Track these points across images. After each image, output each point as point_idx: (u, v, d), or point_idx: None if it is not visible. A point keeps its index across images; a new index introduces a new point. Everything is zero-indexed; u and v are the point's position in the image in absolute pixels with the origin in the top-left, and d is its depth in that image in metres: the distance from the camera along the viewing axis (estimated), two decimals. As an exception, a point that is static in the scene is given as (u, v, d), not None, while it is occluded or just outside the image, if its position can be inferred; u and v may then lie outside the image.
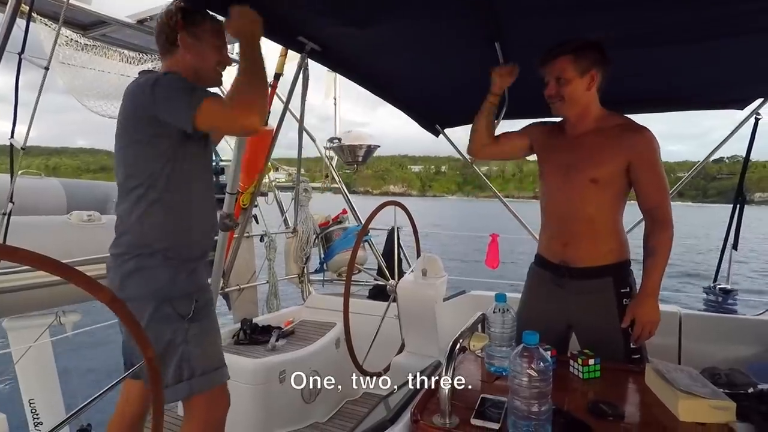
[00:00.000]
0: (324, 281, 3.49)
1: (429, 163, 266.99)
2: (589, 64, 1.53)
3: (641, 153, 1.53)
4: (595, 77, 1.55)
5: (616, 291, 1.57)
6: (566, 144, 1.66)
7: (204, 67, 1.46)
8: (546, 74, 1.62)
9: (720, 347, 2.11)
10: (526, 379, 0.96)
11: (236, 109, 1.29)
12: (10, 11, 1.49)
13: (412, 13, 1.71)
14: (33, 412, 2.48)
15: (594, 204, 1.58)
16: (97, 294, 0.98)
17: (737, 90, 2.32)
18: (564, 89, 1.56)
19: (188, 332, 1.37)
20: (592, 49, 1.54)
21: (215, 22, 1.49)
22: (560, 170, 1.65)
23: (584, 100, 1.58)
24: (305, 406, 2.52)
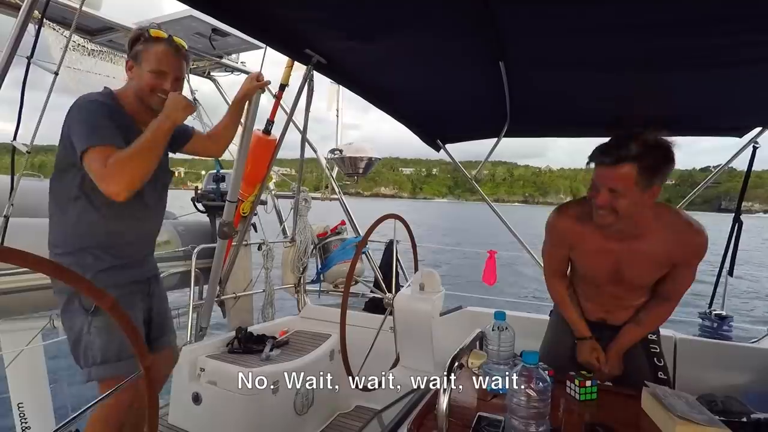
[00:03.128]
0: (320, 292, 3.48)
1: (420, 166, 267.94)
2: (654, 177, 1.30)
3: (691, 255, 1.46)
4: (657, 192, 1.34)
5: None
6: (617, 242, 1.49)
7: (141, 89, 1.57)
8: (598, 177, 1.37)
9: (715, 373, 2.11)
10: (525, 399, 0.96)
11: (107, 172, 1.37)
12: (22, 17, 1.50)
13: (418, 31, 1.74)
14: (21, 416, 2.44)
15: (640, 296, 1.62)
16: (98, 300, 0.98)
17: (736, 118, 2.36)
18: (618, 203, 1.33)
19: (91, 324, 1.51)
20: (661, 156, 1.31)
21: (161, 48, 1.57)
22: (609, 269, 1.55)
23: (639, 213, 1.38)
24: (297, 417, 2.50)
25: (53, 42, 2.50)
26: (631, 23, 1.51)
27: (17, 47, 1.52)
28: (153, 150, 1.44)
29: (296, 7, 1.69)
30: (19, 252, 0.83)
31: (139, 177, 1.41)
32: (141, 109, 1.60)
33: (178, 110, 1.50)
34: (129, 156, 1.38)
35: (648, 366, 1.63)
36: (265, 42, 2.02)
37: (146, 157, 1.42)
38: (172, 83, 1.60)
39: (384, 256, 3.36)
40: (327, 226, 3.54)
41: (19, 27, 1.51)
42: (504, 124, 2.77)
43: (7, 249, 0.83)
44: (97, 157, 1.37)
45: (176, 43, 1.61)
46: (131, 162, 1.38)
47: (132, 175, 1.39)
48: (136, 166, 1.40)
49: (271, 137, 2.44)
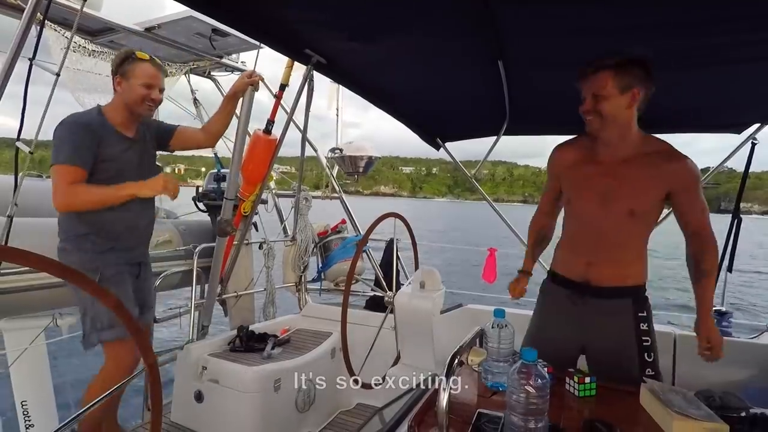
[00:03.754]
0: (321, 290, 3.49)
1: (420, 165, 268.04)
2: (631, 81, 1.45)
3: (684, 182, 1.50)
4: (636, 95, 1.46)
5: (634, 314, 1.56)
6: (602, 171, 1.58)
7: (133, 100, 1.89)
8: (583, 89, 1.54)
9: (714, 369, 2.10)
10: (524, 396, 0.97)
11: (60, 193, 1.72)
12: (26, 19, 1.51)
13: (417, 31, 1.75)
14: (25, 414, 2.45)
15: (628, 232, 1.56)
16: (102, 298, 1.00)
17: (735, 114, 2.36)
18: (601, 105, 1.48)
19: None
20: (636, 65, 1.46)
21: (147, 66, 1.89)
22: (596, 198, 1.59)
23: (622, 119, 1.50)
24: (299, 415, 2.51)
25: (54, 43, 2.51)
26: (628, 23, 1.52)
27: (21, 49, 1.54)
28: (106, 204, 1.80)
29: (296, 8, 1.70)
30: (23, 252, 0.84)
31: (81, 210, 1.79)
32: (125, 118, 1.93)
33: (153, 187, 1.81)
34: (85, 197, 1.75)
35: (638, 360, 1.55)
36: (264, 42, 2.03)
37: (97, 205, 1.79)
38: (159, 92, 1.95)
39: (384, 255, 3.37)
40: (327, 225, 3.56)
41: (22, 29, 1.53)
42: (503, 122, 2.78)
43: (11, 249, 0.84)
44: (57, 174, 1.70)
45: (157, 61, 1.96)
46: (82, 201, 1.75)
47: (77, 207, 1.78)
48: (83, 205, 1.77)
49: (272, 137, 2.45)
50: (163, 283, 2.85)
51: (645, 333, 1.56)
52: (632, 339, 1.55)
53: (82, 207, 1.78)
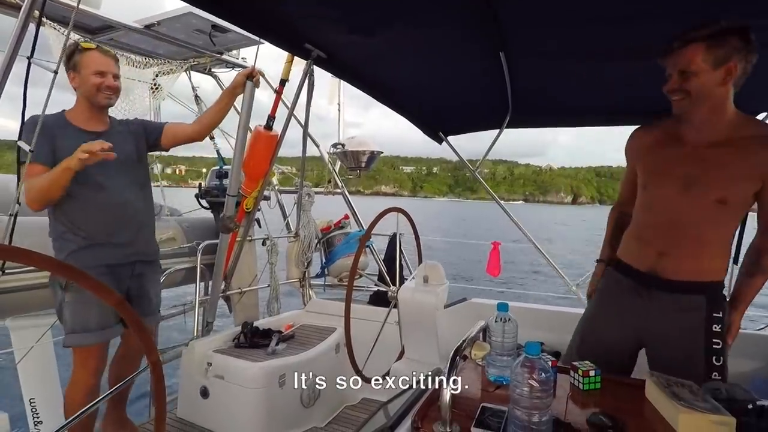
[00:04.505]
0: (325, 286, 3.50)
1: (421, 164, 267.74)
2: (727, 54, 1.24)
3: None
4: (732, 71, 1.26)
5: (707, 313, 1.42)
6: (687, 153, 1.41)
7: (88, 91, 1.86)
8: (668, 66, 1.34)
9: None
10: (528, 390, 0.97)
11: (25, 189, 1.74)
12: (23, 17, 1.51)
13: (418, 23, 1.73)
14: (33, 411, 2.48)
15: (716, 223, 1.40)
16: (105, 297, 1.00)
17: (742, 102, 2.33)
18: (689, 83, 1.29)
19: (64, 299, 1.83)
20: (734, 34, 1.24)
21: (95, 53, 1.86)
22: (679, 182, 1.42)
23: (715, 98, 1.31)
24: (304, 410, 2.53)
25: (55, 42, 2.51)
26: (631, 13, 1.50)
27: (19, 47, 1.53)
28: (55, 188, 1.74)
29: (294, 2, 1.69)
30: (25, 251, 0.84)
31: (40, 202, 1.76)
32: (86, 113, 1.91)
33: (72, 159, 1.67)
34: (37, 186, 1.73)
35: (704, 362, 1.41)
36: (264, 38, 2.02)
37: (50, 192, 1.74)
38: (113, 79, 1.90)
39: (388, 250, 3.37)
40: (330, 221, 3.56)
41: (20, 27, 1.52)
42: (506, 115, 2.76)
43: (15, 248, 0.84)
44: (26, 172, 1.73)
45: (104, 48, 1.93)
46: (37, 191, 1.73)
47: (37, 199, 1.75)
48: (39, 194, 1.74)
49: (273, 133, 2.45)
50: (167, 280, 2.86)
51: (717, 335, 1.42)
52: (701, 339, 1.42)
53: (42, 196, 1.75)
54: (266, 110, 2.52)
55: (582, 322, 1.71)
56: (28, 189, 1.72)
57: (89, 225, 1.87)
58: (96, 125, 1.94)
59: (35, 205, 1.76)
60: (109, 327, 1.89)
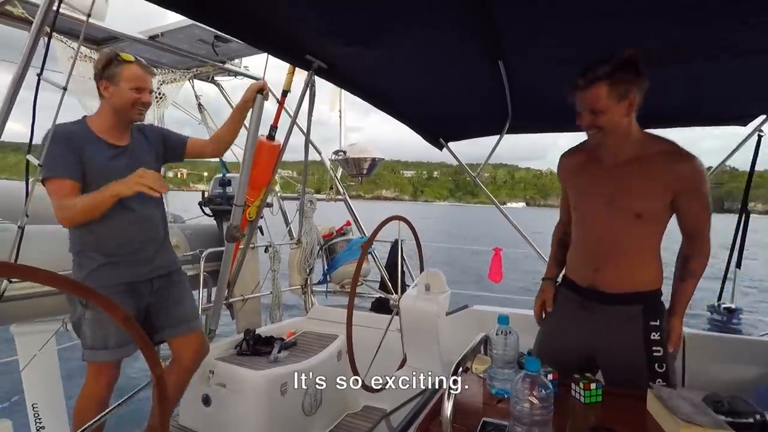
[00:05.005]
0: (327, 293, 3.50)
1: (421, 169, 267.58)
2: (627, 89, 1.39)
3: (690, 183, 1.43)
4: (633, 102, 1.41)
5: (644, 323, 1.50)
6: (607, 172, 1.54)
7: (122, 105, 1.81)
8: (578, 103, 1.48)
9: (725, 368, 2.09)
10: (528, 406, 0.98)
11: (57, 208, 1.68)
12: (34, 33, 1.53)
13: (417, 33, 1.75)
14: (36, 416, 2.49)
15: (635, 236, 1.51)
16: (111, 312, 1.01)
17: (740, 106, 2.33)
18: (600, 120, 1.43)
19: (84, 315, 1.81)
20: (628, 69, 1.38)
21: (134, 68, 1.81)
22: (601, 200, 1.55)
23: (623, 127, 1.45)
24: (306, 418, 2.53)
25: (61, 53, 2.54)
26: (629, 18, 1.51)
27: (29, 63, 1.55)
28: (95, 210, 1.70)
29: (295, 15, 1.71)
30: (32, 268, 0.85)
31: (77, 222, 1.74)
32: (112, 125, 1.85)
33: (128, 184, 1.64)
34: (75, 208, 1.68)
35: (646, 369, 1.49)
36: (265, 50, 2.05)
37: (88, 214, 1.70)
38: (149, 95, 1.86)
39: (389, 257, 3.38)
40: (332, 227, 3.57)
41: (30, 42, 1.54)
42: (506, 121, 2.77)
43: (21, 266, 0.85)
44: (50, 189, 1.69)
45: (143, 62, 1.87)
46: (75, 213, 1.69)
47: (73, 219, 1.72)
48: (77, 216, 1.71)
49: (275, 143, 2.46)
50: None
51: (656, 342, 1.49)
52: (640, 348, 1.49)
53: (77, 218, 1.72)
54: (268, 119, 2.54)
55: (538, 336, 1.79)
56: (63, 207, 1.67)
57: (113, 243, 1.83)
58: (121, 138, 1.89)
59: (70, 223, 1.75)
60: (126, 345, 1.87)
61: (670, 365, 1.51)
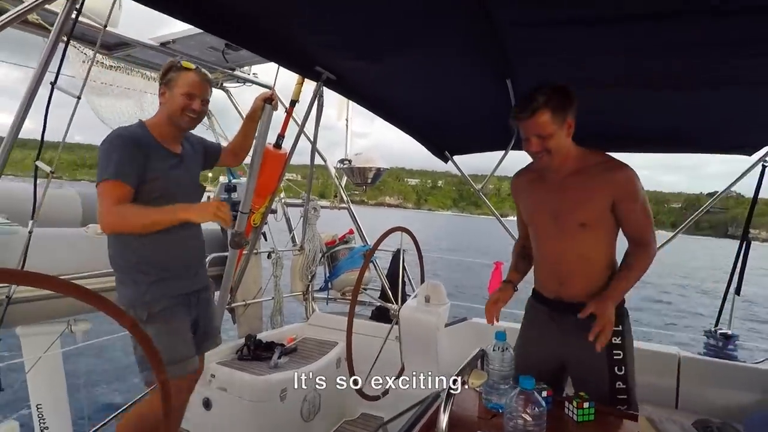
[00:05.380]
0: (328, 299, 3.53)
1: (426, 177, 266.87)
2: (565, 113, 1.54)
3: (624, 189, 1.55)
4: (571, 124, 1.56)
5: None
6: (551, 188, 1.66)
7: (173, 110, 1.78)
8: (523, 130, 1.59)
9: (719, 393, 2.10)
10: (521, 423, 1.00)
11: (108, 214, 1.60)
12: (52, 39, 1.57)
13: (425, 50, 1.78)
14: (40, 417, 2.53)
15: (586, 245, 1.61)
16: (119, 318, 1.04)
17: (745, 136, 2.35)
18: (548, 143, 1.55)
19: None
20: (563, 96, 1.54)
21: (190, 74, 1.79)
22: (548, 216, 1.67)
23: (566, 147, 1.59)
24: (304, 424, 2.55)
25: (74, 58, 2.60)
26: (636, 45, 1.54)
27: (46, 70, 1.59)
28: (155, 227, 1.67)
29: (306, 29, 1.75)
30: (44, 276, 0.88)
31: (128, 232, 1.67)
32: (169, 132, 1.81)
33: (203, 214, 1.64)
34: (133, 218, 1.62)
35: (608, 373, 1.56)
36: (276, 61, 2.09)
37: (145, 228, 1.66)
38: (201, 104, 1.83)
39: (391, 266, 3.40)
40: (335, 235, 3.60)
41: (48, 50, 1.58)
42: (511, 137, 2.80)
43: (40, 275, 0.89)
44: (103, 192, 1.60)
45: (203, 71, 1.84)
46: (130, 224, 1.64)
47: (124, 228, 1.66)
48: (131, 227, 1.65)
49: (282, 151, 2.51)
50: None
51: (617, 347, 1.58)
52: (603, 353, 1.54)
53: (129, 229, 1.66)
54: (275, 127, 2.59)
55: (515, 348, 1.79)
56: (114, 213, 1.60)
57: (171, 256, 1.79)
58: (176, 146, 1.86)
59: (115, 231, 1.68)
60: (190, 357, 1.81)
61: (629, 367, 1.59)
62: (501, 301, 1.78)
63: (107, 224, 1.63)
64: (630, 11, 1.31)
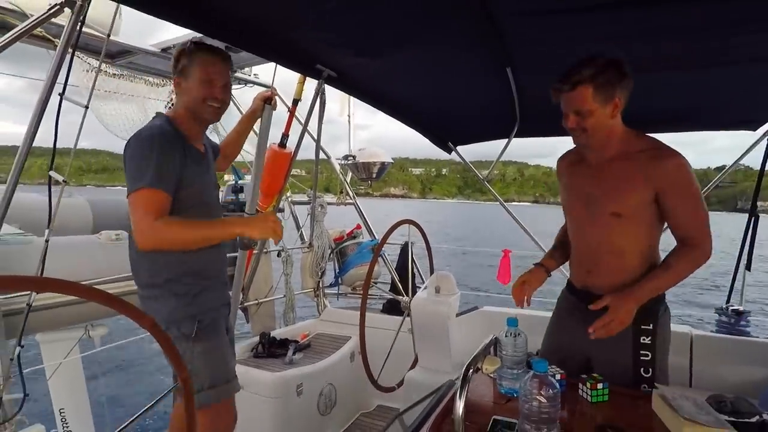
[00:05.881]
0: (339, 295, 3.57)
1: (430, 166, 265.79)
2: (612, 91, 1.38)
3: (670, 180, 1.39)
4: (618, 104, 1.41)
5: (636, 326, 1.45)
6: (589, 172, 1.54)
7: (192, 102, 1.54)
8: (563, 104, 1.46)
9: (732, 369, 2.11)
10: (537, 405, 1.02)
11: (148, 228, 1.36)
12: (58, 55, 1.60)
13: (424, 42, 1.79)
14: (63, 421, 2.59)
15: (618, 236, 1.48)
16: (139, 320, 1.07)
17: (750, 112, 2.35)
18: (586, 122, 1.41)
19: (194, 350, 1.52)
20: (613, 71, 1.37)
21: (206, 57, 1.54)
22: (581, 201, 1.56)
23: (608, 128, 1.44)
24: (321, 418, 2.60)
25: (77, 67, 2.63)
26: (636, 27, 1.54)
27: (55, 82, 1.62)
28: (203, 244, 1.50)
29: (305, 29, 1.76)
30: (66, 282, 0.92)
31: (171, 248, 1.45)
32: (192, 125, 1.59)
33: (264, 232, 1.48)
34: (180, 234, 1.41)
35: (632, 374, 1.48)
36: (277, 61, 2.10)
37: (192, 245, 1.48)
38: (222, 90, 1.57)
39: (400, 259, 3.43)
40: (343, 231, 3.63)
41: (56, 64, 1.61)
42: (514, 125, 2.81)
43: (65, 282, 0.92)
44: (138, 203, 1.37)
45: (218, 49, 1.58)
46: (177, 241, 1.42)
47: (168, 246, 1.42)
48: (177, 245, 1.43)
49: (287, 150, 2.53)
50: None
51: (645, 347, 1.47)
52: (628, 352, 1.48)
53: (172, 247, 1.44)
54: (277, 124, 2.60)
55: (545, 337, 1.79)
56: (155, 228, 1.36)
57: (207, 266, 1.61)
58: (200, 144, 1.64)
59: (157, 248, 1.43)
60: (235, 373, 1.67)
61: (659, 369, 1.48)
62: (528, 283, 1.67)
63: (149, 241, 1.38)
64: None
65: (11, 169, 1.68)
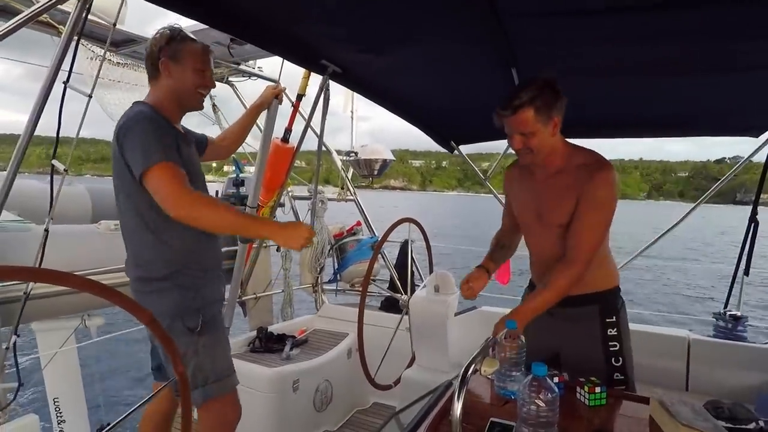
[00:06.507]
0: (337, 291, 3.57)
1: (430, 158, 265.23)
2: (550, 111, 1.48)
3: (586, 189, 1.49)
4: (557, 123, 1.52)
5: (601, 321, 1.59)
6: (535, 187, 1.65)
7: (183, 89, 1.56)
8: (506, 126, 1.56)
9: (729, 374, 2.12)
10: (535, 408, 1.02)
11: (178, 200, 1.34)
12: (63, 43, 1.58)
13: (430, 40, 1.78)
14: (57, 410, 2.59)
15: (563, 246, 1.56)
16: (138, 314, 1.06)
17: (753, 118, 2.35)
18: (531, 142, 1.51)
19: (199, 344, 1.52)
20: (549, 92, 1.48)
21: (198, 46, 1.59)
22: (531, 215, 1.67)
23: (550, 146, 1.55)
24: (316, 414, 2.60)
25: (81, 54, 2.61)
26: (640, 31, 1.53)
27: (59, 70, 1.60)
28: (231, 227, 1.47)
29: (311, 23, 1.75)
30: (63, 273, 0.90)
31: (198, 220, 1.38)
32: (175, 110, 1.59)
33: (291, 242, 1.44)
34: (213, 211, 1.38)
35: (604, 365, 1.57)
36: (281, 56, 2.09)
37: (219, 227, 1.46)
38: (211, 78, 1.62)
39: (399, 257, 3.42)
40: (343, 227, 3.62)
41: (60, 51, 1.59)
42: None
43: (61, 273, 0.91)
44: (163, 174, 1.34)
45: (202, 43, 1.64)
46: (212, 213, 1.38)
47: (201, 216, 1.37)
48: (208, 219, 1.38)
49: (289, 145, 2.52)
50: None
51: (612, 338, 1.58)
52: (598, 344, 1.57)
53: (203, 219, 1.38)
54: (282, 121, 2.59)
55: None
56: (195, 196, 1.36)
57: (208, 257, 1.61)
58: (179, 127, 1.65)
59: (187, 220, 1.37)
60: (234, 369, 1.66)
61: (627, 357, 1.59)
62: (473, 281, 1.77)
63: (184, 206, 1.34)
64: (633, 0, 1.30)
65: (10, 157, 1.67)
